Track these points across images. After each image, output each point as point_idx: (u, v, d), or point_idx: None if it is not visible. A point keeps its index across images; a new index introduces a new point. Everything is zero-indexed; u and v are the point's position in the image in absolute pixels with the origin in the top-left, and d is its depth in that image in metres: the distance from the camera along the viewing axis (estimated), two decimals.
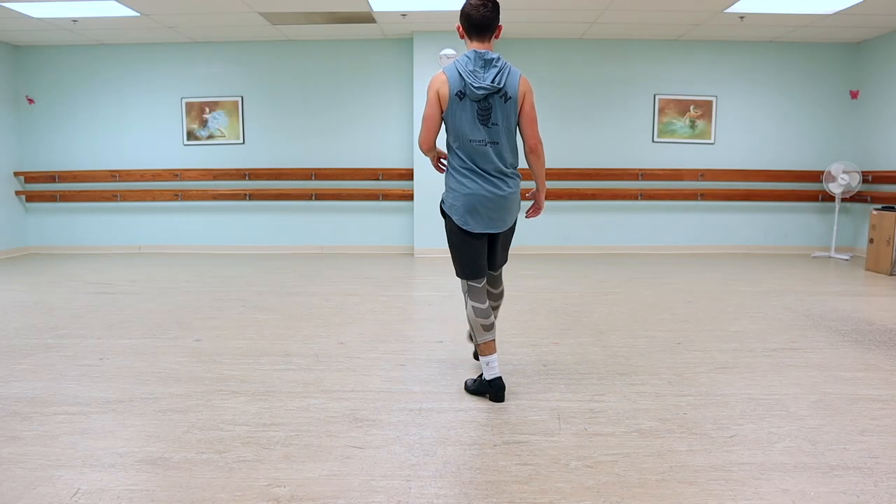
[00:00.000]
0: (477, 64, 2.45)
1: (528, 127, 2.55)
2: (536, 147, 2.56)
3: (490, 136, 2.50)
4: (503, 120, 2.50)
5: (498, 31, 2.53)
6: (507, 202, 2.58)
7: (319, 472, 2.05)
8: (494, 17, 2.49)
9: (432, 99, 2.51)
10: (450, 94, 2.47)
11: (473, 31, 2.49)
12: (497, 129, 2.50)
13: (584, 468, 2.07)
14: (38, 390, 2.80)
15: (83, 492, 1.92)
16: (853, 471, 2.05)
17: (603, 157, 7.35)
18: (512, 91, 2.48)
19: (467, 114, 2.48)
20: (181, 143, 7.46)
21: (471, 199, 2.54)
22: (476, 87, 2.43)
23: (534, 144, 2.56)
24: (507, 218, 2.63)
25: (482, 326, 2.66)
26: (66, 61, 7.40)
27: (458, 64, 2.47)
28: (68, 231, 7.66)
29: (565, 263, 6.65)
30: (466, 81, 2.44)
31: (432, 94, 2.50)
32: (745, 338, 3.67)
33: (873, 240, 6.15)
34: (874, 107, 6.95)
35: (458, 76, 2.46)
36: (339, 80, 7.31)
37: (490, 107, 2.47)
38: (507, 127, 2.52)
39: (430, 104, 2.52)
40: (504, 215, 2.60)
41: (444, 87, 2.48)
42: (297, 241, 7.57)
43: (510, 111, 2.50)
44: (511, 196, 2.59)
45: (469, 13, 2.47)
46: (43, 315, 4.27)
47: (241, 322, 4.06)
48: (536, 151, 2.58)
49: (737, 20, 6.31)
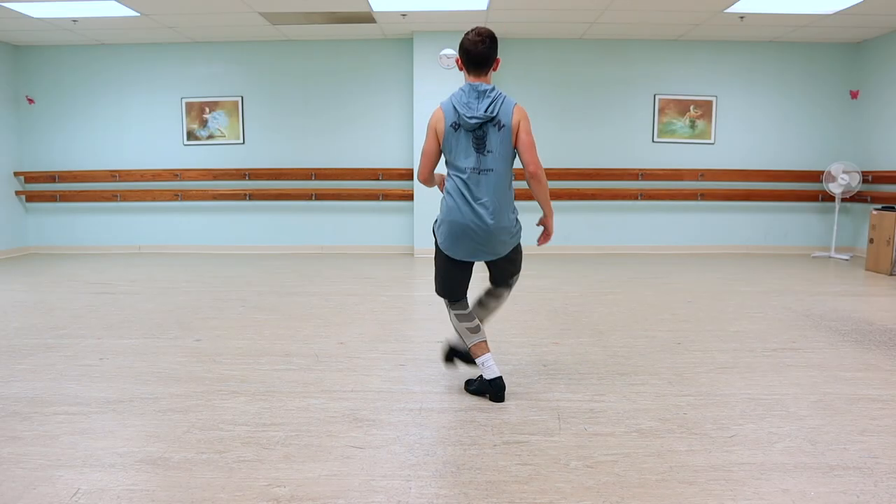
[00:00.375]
0: (471, 96, 2.52)
1: (525, 153, 2.56)
2: (536, 172, 2.56)
3: (484, 164, 2.54)
4: (498, 148, 2.54)
5: (495, 64, 2.60)
6: (494, 233, 2.57)
7: (319, 472, 2.05)
8: (492, 52, 2.56)
9: (430, 135, 2.62)
10: (445, 126, 2.56)
11: (471, 64, 2.56)
12: (492, 157, 2.54)
13: (584, 468, 2.07)
14: (38, 390, 2.80)
15: (83, 492, 1.92)
16: (853, 471, 2.05)
17: (603, 157, 7.35)
18: (506, 119, 2.52)
19: (462, 144, 2.55)
20: (181, 143, 7.46)
21: (456, 227, 2.58)
22: (469, 118, 2.49)
23: (533, 170, 2.55)
24: (497, 248, 2.63)
25: (468, 330, 2.70)
26: (66, 61, 7.40)
27: (453, 97, 2.56)
28: (68, 231, 7.66)
29: (565, 263, 6.65)
30: (460, 113, 2.51)
31: (430, 129, 2.62)
32: (745, 338, 3.67)
33: (873, 240, 6.15)
34: (874, 107, 6.95)
35: (453, 109, 2.54)
36: (339, 80, 7.31)
37: (484, 135, 2.53)
38: (502, 155, 2.55)
39: (428, 140, 2.63)
40: (493, 246, 2.61)
41: (441, 122, 2.58)
42: (297, 241, 7.57)
43: (505, 139, 2.54)
44: (499, 228, 2.58)
45: (467, 48, 2.55)
46: (43, 315, 4.27)
47: (241, 322, 4.06)
48: (537, 176, 2.57)
49: (737, 20, 6.31)
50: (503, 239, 2.62)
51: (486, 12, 6.13)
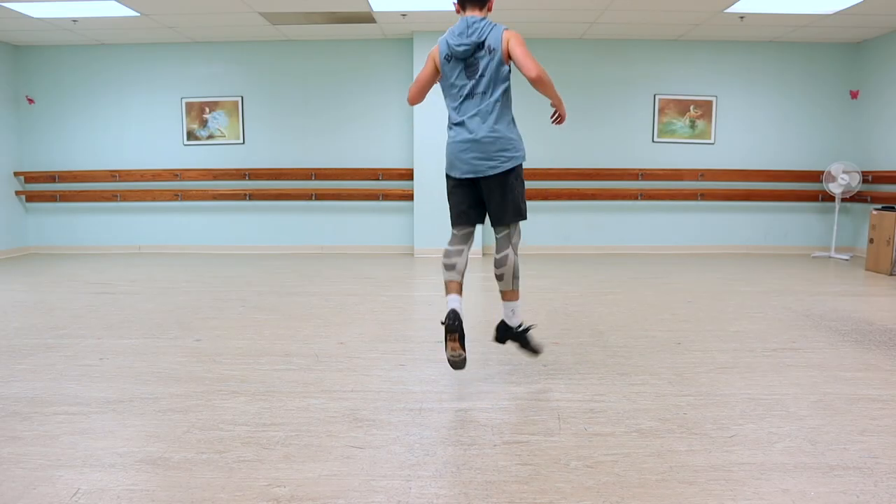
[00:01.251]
0: (462, 28, 2.65)
1: (523, 62, 2.56)
2: (540, 76, 2.56)
3: (477, 88, 2.64)
4: (490, 72, 2.62)
5: (490, 4, 2.72)
6: (484, 145, 2.64)
7: (319, 472, 2.05)
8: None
9: (428, 62, 2.76)
10: (440, 58, 2.70)
11: (466, 2, 2.71)
12: (484, 80, 2.63)
13: (584, 468, 2.07)
14: (38, 390, 2.80)
15: (83, 492, 1.91)
16: (853, 471, 2.05)
17: (603, 157, 7.35)
18: (495, 44, 2.60)
19: (456, 71, 2.68)
20: (181, 143, 7.46)
21: (453, 146, 2.73)
22: (456, 45, 2.62)
23: (535, 76, 2.55)
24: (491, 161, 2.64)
25: (444, 266, 2.81)
26: (66, 61, 7.40)
27: (447, 33, 2.70)
28: (68, 231, 7.66)
29: (565, 263, 6.65)
30: (450, 42, 2.65)
31: (429, 59, 2.76)
32: (745, 338, 3.67)
33: (873, 240, 6.15)
34: (874, 107, 6.95)
35: (445, 42, 2.68)
36: (339, 80, 7.31)
37: (476, 62, 2.63)
38: (495, 78, 2.63)
39: (424, 66, 2.78)
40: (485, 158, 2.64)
41: (437, 53, 2.72)
42: (297, 241, 7.57)
43: (497, 63, 2.62)
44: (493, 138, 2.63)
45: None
46: (43, 315, 4.27)
47: (241, 322, 4.06)
48: (541, 80, 2.57)
49: (737, 20, 6.31)
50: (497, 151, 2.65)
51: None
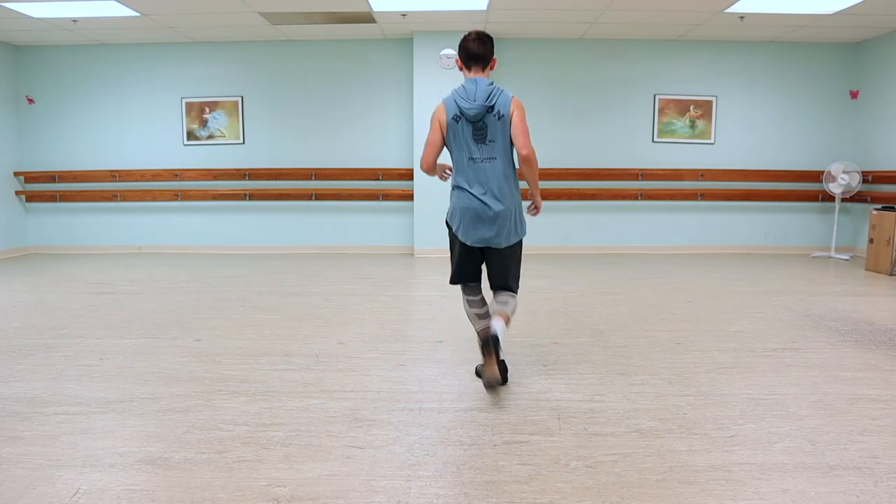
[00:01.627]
0: (471, 90, 2.67)
1: (518, 137, 2.67)
2: (529, 156, 2.67)
3: (487, 153, 2.70)
4: (499, 138, 2.69)
5: (493, 63, 2.76)
6: (498, 218, 2.71)
7: (319, 472, 2.05)
8: (489, 50, 2.73)
9: (434, 126, 2.76)
10: (447, 118, 2.71)
11: (471, 61, 2.73)
12: (493, 146, 2.70)
13: (584, 468, 2.07)
14: (38, 390, 2.80)
15: (83, 492, 1.92)
16: (853, 471, 2.05)
17: (603, 157, 7.35)
18: (504, 109, 2.67)
19: (465, 134, 2.70)
20: (181, 143, 7.46)
21: (468, 212, 2.74)
22: (468, 108, 2.65)
23: (526, 153, 2.66)
24: (501, 234, 2.74)
25: (476, 315, 2.89)
26: (66, 61, 7.40)
27: (455, 92, 2.72)
28: (68, 231, 7.66)
29: (565, 263, 6.65)
30: (460, 105, 2.67)
31: (434, 121, 2.76)
32: (745, 338, 3.67)
33: (873, 240, 6.15)
34: (874, 107, 6.95)
35: (454, 103, 2.69)
36: (339, 80, 7.31)
37: (485, 126, 2.67)
38: (503, 145, 2.71)
39: (432, 131, 2.77)
40: (497, 231, 2.73)
41: (443, 114, 2.73)
42: (297, 241, 7.57)
43: (505, 129, 2.69)
44: (503, 213, 2.71)
45: (466, 46, 2.72)
46: (43, 315, 4.27)
47: (241, 322, 4.06)
48: (529, 161, 2.68)
49: (737, 20, 6.31)
50: (510, 225, 2.75)
51: (486, 12, 6.13)
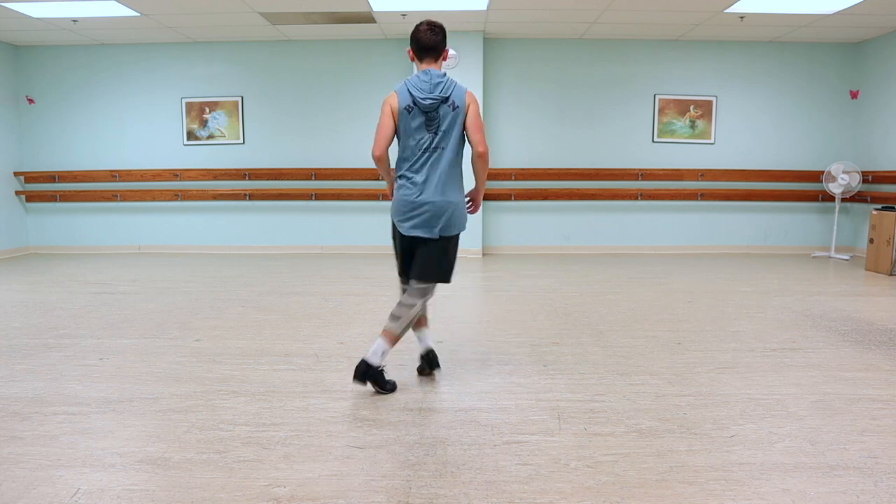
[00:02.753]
0: (425, 81, 2.69)
1: (474, 133, 2.72)
2: (484, 153, 2.72)
3: (435, 142, 2.71)
4: (450, 129, 2.71)
5: (444, 53, 2.78)
6: (437, 209, 2.71)
7: (319, 472, 2.05)
8: (441, 40, 2.74)
9: (385, 112, 2.73)
10: (399, 107, 2.70)
11: (423, 52, 2.74)
12: (444, 136, 2.71)
13: (584, 468, 2.07)
14: (38, 390, 2.80)
15: (83, 492, 1.92)
16: (853, 471, 2.05)
17: (603, 157, 7.35)
18: (459, 101, 2.70)
19: (416, 124, 2.70)
20: (181, 143, 7.46)
21: (405, 203, 2.73)
22: (422, 98, 2.66)
23: (482, 150, 2.71)
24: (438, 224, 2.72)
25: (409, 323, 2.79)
26: (66, 61, 7.39)
27: (408, 82, 2.71)
28: (68, 231, 7.66)
29: (565, 263, 6.65)
30: (414, 95, 2.67)
31: (385, 107, 2.73)
32: (745, 338, 3.67)
33: (873, 240, 6.15)
34: (874, 107, 6.95)
35: (408, 92, 2.69)
36: (339, 80, 7.31)
37: (437, 117, 2.69)
38: (453, 135, 2.72)
39: (383, 116, 2.74)
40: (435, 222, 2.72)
41: (395, 102, 2.72)
42: (297, 241, 7.57)
43: (457, 120, 2.71)
44: (444, 203, 2.71)
45: (418, 37, 2.73)
46: (43, 315, 4.27)
47: (241, 322, 4.06)
48: (484, 157, 2.74)
49: (737, 20, 6.31)
50: (449, 216, 2.73)
51: (485, 12, 6.13)
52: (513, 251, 7.45)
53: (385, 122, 2.72)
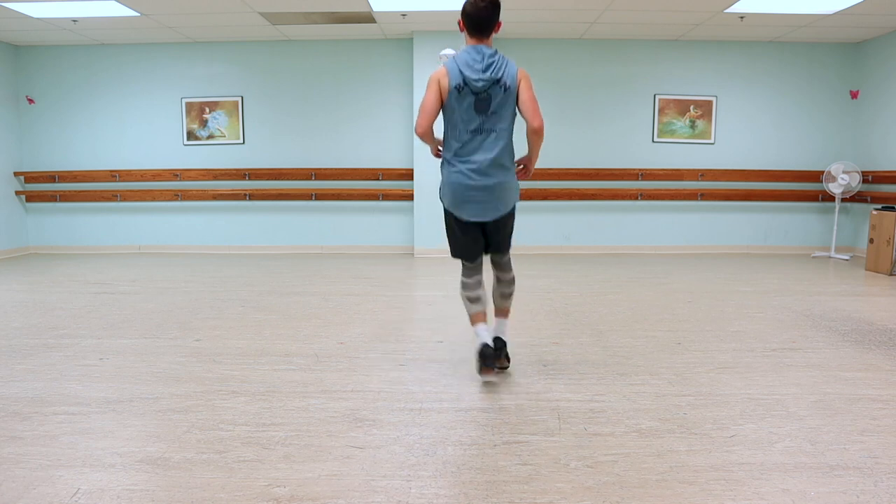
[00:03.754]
0: (476, 59, 2.55)
1: (529, 110, 2.60)
2: (540, 128, 2.61)
3: (487, 124, 2.60)
4: (501, 109, 2.59)
5: (497, 27, 2.62)
6: (495, 191, 2.65)
7: (319, 472, 2.05)
8: (494, 14, 2.58)
9: (433, 88, 2.61)
10: (450, 86, 2.58)
11: (473, 28, 2.58)
12: (495, 117, 2.60)
13: (584, 468, 2.07)
14: (38, 390, 2.80)
15: (83, 492, 1.92)
16: (853, 471, 2.05)
17: (603, 157, 7.35)
18: (510, 81, 2.57)
19: (465, 104, 2.58)
20: (181, 143, 7.46)
21: (459, 188, 2.66)
22: (475, 80, 2.53)
23: (538, 126, 2.59)
24: (499, 206, 2.69)
25: (468, 299, 2.84)
26: (66, 61, 7.40)
27: (457, 59, 2.58)
28: (68, 231, 7.66)
29: (565, 263, 6.65)
30: (465, 75, 2.54)
31: (433, 83, 2.61)
32: (745, 338, 3.67)
33: (873, 240, 6.15)
34: (874, 107, 6.95)
35: (458, 71, 2.56)
36: (339, 80, 7.31)
37: (489, 97, 2.56)
38: (504, 116, 2.61)
39: (429, 92, 2.63)
40: (494, 203, 2.67)
41: (445, 79, 2.59)
42: (297, 241, 7.57)
43: (509, 101, 2.59)
44: (499, 185, 2.65)
45: (469, 11, 2.57)
46: (43, 315, 4.27)
47: (241, 322, 4.06)
48: (539, 132, 2.62)
49: (737, 20, 6.31)
50: (504, 196, 2.68)
51: None
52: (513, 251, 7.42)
53: (430, 97, 2.59)
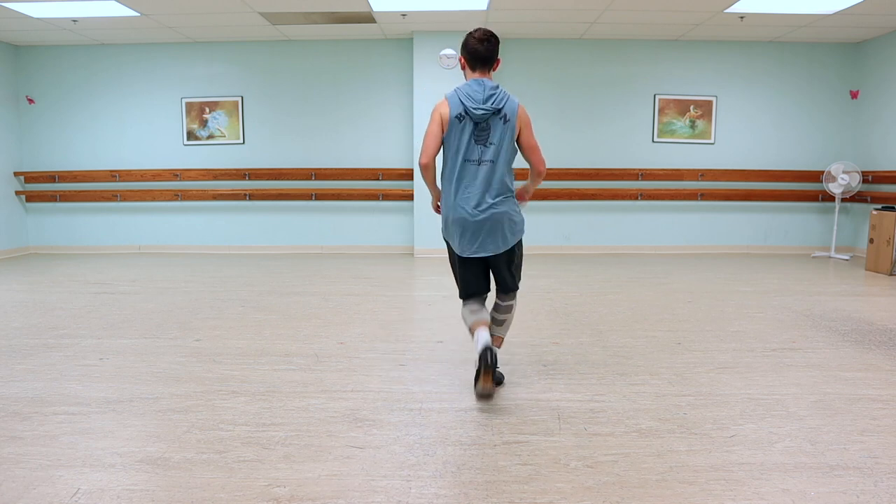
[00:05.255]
0: (478, 90, 2.60)
1: (532, 155, 2.71)
2: (543, 172, 2.76)
3: (486, 155, 2.62)
4: (500, 141, 2.63)
5: (496, 63, 2.70)
6: (494, 224, 2.63)
7: (319, 472, 2.05)
8: (495, 50, 2.66)
9: (435, 118, 2.65)
10: (450, 115, 2.61)
11: (475, 62, 2.65)
12: (493, 148, 2.62)
13: (584, 468, 2.07)
14: (38, 390, 2.80)
15: (83, 492, 1.92)
16: (853, 471, 2.05)
17: (603, 157, 7.35)
18: (511, 113, 2.62)
19: (465, 135, 2.62)
20: (181, 143, 7.46)
21: (458, 222, 2.65)
22: (475, 109, 2.57)
23: (544, 170, 2.76)
24: (498, 240, 2.66)
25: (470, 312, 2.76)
26: (66, 61, 7.39)
27: (459, 91, 2.63)
28: (68, 231, 7.66)
29: (565, 263, 6.65)
30: (466, 105, 2.58)
31: (435, 115, 2.65)
32: (745, 338, 3.67)
33: (873, 240, 6.15)
34: (874, 107, 6.95)
35: (459, 101, 2.61)
36: (339, 80, 7.31)
37: (488, 128, 2.61)
38: (503, 148, 2.64)
39: (432, 123, 2.65)
40: (494, 237, 2.65)
41: (446, 109, 2.63)
42: (297, 241, 7.57)
43: (508, 132, 2.63)
44: (499, 217, 2.63)
45: (472, 47, 2.64)
46: (43, 315, 4.27)
47: (241, 322, 4.06)
48: (542, 175, 2.78)
49: (737, 20, 6.31)
50: (504, 230, 2.66)
51: (486, 12, 6.13)
52: None
53: (433, 129, 2.63)
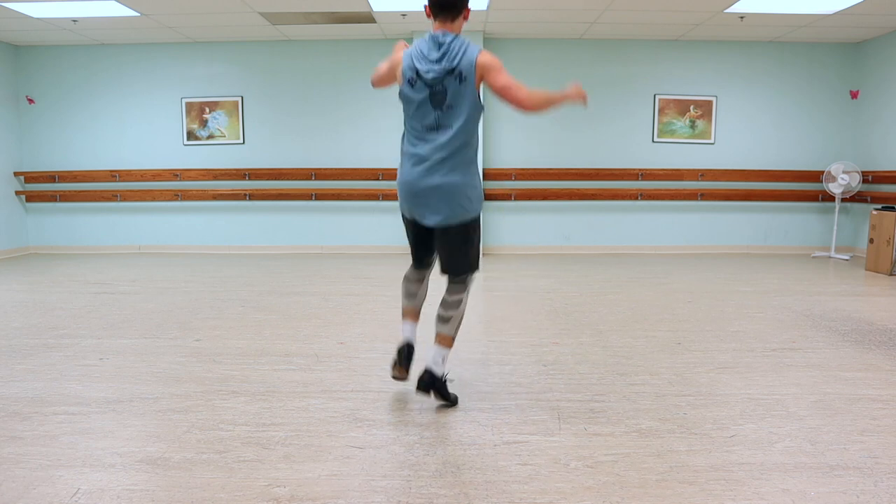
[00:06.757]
0: (431, 47, 2.34)
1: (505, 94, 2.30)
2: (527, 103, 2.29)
3: (443, 119, 2.35)
4: (458, 103, 2.33)
5: (465, 13, 2.39)
6: (438, 192, 2.37)
7: (319, 472, 2.05)
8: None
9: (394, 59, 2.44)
10: (403, 76, 2.39)
11: (437, 9, 2.36)
12: (451, 113, 2.34)
13: (584, 468, 2.07)
14: (38, 390, 2.80)
15: (83, 492, 1.92)
16: (853, 471, 2.05)
17: (603, 157, 7.35)
18: (466, 70, 2.30)
19: (420, 97, 2.36)
20: (181, 143, 7.46)
21: (404, 185, 2.45)
22: (426, 71, 2.32)
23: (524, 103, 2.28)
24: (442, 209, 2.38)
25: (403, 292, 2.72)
26: (66, 61, 7.39)
27: (412, 50, 2.39)
28: (68, 231, 7.66)
29: (565, 263, 6.65)
30: (418, 67, 2.34)
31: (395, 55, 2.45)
32: (745, 338, 3.67)
33: (873, 240, 6.15)
34: (874, 107, 6.95)
35: (412, 63, 2.36)
36: (339, 80, 7.31)
37: (444, 90, 2.32)
38: (462, 111, 2.34)
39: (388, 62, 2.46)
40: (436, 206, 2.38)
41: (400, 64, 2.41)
42: (297, 241, 7.57)
43: (466, 92, 2.32)
44: (446, 186, 2.36)
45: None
46: (43, 315, 4.27)
47: (241, 322, 4.06)
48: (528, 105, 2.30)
49: (737, 20, 6.31)
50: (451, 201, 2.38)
51: (486, 12, 6.13)
52: (513, 251, 7.45)
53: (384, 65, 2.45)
